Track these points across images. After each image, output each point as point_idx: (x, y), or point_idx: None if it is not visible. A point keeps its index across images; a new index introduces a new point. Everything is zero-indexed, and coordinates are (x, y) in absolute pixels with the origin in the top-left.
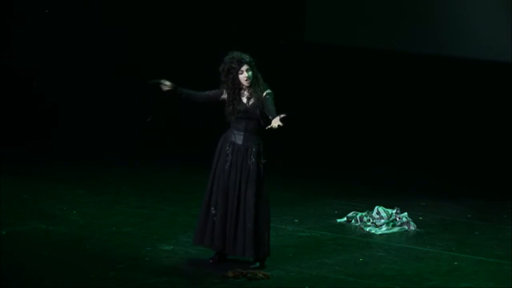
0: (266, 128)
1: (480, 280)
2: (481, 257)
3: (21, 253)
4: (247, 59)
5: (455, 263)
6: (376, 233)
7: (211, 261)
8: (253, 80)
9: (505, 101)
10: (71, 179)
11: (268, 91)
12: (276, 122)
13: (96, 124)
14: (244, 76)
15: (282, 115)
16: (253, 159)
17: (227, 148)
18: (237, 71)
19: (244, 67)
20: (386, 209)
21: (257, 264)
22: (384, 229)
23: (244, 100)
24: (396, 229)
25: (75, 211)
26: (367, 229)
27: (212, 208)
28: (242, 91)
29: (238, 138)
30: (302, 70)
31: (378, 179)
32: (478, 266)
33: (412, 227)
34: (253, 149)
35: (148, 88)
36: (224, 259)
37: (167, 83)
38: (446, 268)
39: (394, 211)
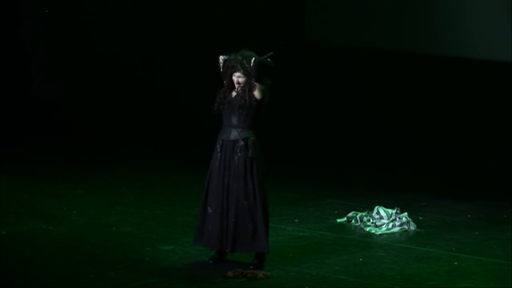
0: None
1: (480, 280)
2: (481, 257)
3: (21, 253)
4: (242, 69)
5: (455, 263)
6: (376, 233)
7: (211, 261)
8: (245, 86)
9: (505, 101)
10: (71, 179)
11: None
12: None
13: (96, 124)
14: (235, 80)
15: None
16: (239, 153)
17: (218, 145)
18: (229, 74)
19: (237, 74)
20: (386, 209)
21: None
22: (384, 229)
23: (233, 94)
24: (396, 229)
25: (75, 211)
26: (367, 229)
27: (209, 208)
28: (235, 89)
29: (227, 134)
30: (301, 70)
31: (378, 179)
32: (478, 266)
33: (412, 227)
34: (241, 144)
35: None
36: (224, 259)
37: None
38: (446, 268)
39: (394, 211)
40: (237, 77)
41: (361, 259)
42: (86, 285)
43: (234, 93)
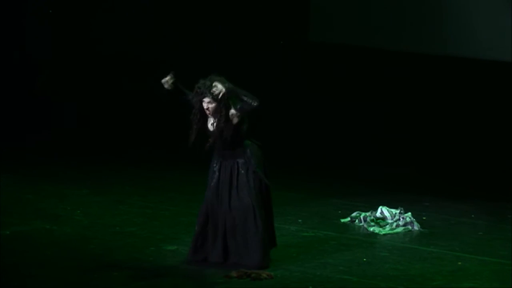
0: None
1: (483, 280)
2: (485, 257)
3: (25, 253)
4: (210, 95)
5: (459, 263)
6: (379, 233)
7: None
8: (217, 112)
9: (508, 100)
10: (74, 179)
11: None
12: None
13: (100, 124)
14: (204, 105)
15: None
16: (242, 171)
17: (215, 165)
18: (199, 99)
19: (206, 99)
20: (389, 209)
21: None
22: (387, 229)
23: (210, 125)
24: (399, 229)
25: (78, 211)
26: (371, 229)
27: (198, 224)
28: (212, 118)
29: (224, 156)
30: (306, 70)
31: (382, 179)
32: (481, 266)
33: (416, 227)
34: (240, 161)
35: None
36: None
37: (168, 78)
38: (450, 268)
39: (398, 211)
40: (207, 103)
41: (364, 259)
42: (89, 285)
43: (210, 126)
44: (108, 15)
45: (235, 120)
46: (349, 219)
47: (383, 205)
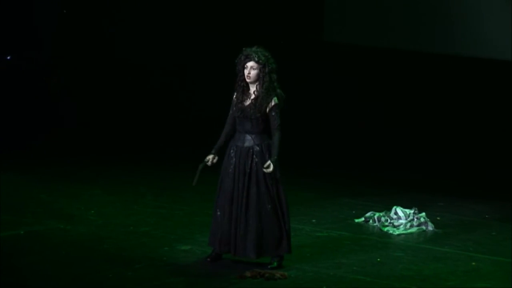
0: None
1: (497, 281)
2: (499, 257)
3: (39, 253)
4: (256, 58)
5: (473, 263)
6: (394, 233)
7: (208, 259)
8: (258, 80)
9: None
10: (88, 179)
11: (275, 101)
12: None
13: (113, 124)
14: (246, 71)
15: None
16: (256, 159)
17: (231, 151)
18: (242, 65)
19: (250, 63)
20: (404, 210)
21: (275, 264)
22: (402, 229)
23: (247, 98)
24: (414, 230)
25: (92, 211)
26: (385, 229)
27: (218, 211)
28: (250, 88)
29: (241, 140)
30: (320, 70)
31: (396, 179)
32: (495, 267)
33: (430, 227)
34: (256, 149)
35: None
36: (220, 258)
37: (209, 157)
38: (464, 268)
39: (412, 211)
40: (250, 67)
41: (378, 259)
42: (103, 285)
43: (247, 101)
44: (122, 17)
45: (272, 104)
46: (363, 219)
47: (398, 205)
